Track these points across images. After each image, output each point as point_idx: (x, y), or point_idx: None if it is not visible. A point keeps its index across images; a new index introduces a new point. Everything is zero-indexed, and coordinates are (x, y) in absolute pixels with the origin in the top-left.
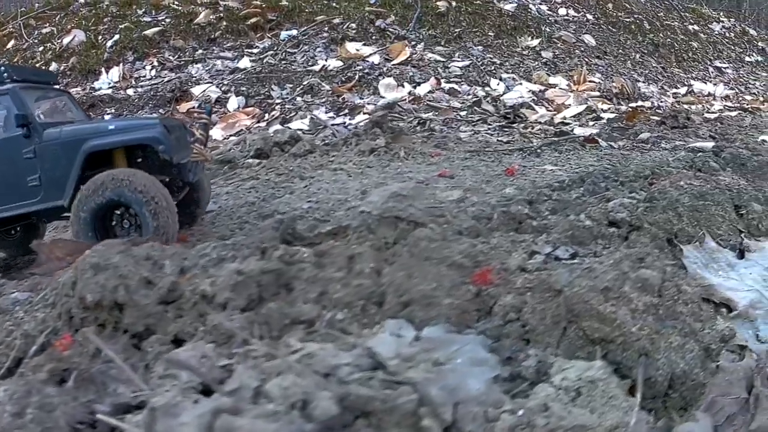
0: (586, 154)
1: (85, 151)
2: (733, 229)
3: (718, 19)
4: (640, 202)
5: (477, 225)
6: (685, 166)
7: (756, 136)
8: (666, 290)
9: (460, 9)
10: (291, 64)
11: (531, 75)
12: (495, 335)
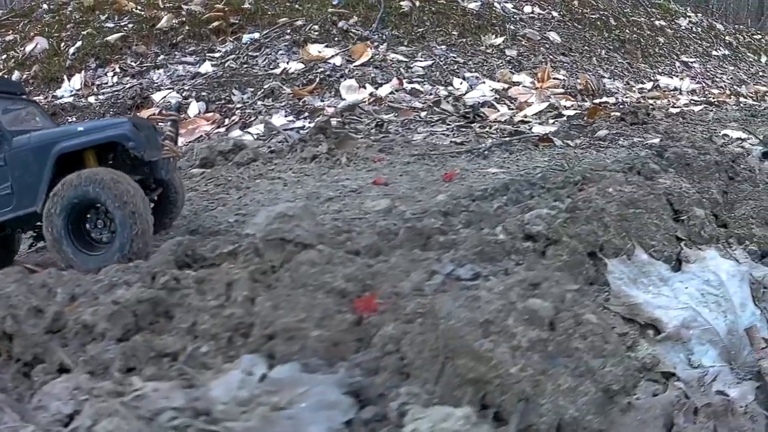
0: (538, 154)
1: (55, 153)
2: (669, 238)
3: (685, 15)
4: (560, 213)
5: (379, 242)
6: (623, 169)
7: (718, 131)
8: (560, 322)
9: (423, 8)
10: (252, 68)
11: (494, 73)
12: (372, 368)
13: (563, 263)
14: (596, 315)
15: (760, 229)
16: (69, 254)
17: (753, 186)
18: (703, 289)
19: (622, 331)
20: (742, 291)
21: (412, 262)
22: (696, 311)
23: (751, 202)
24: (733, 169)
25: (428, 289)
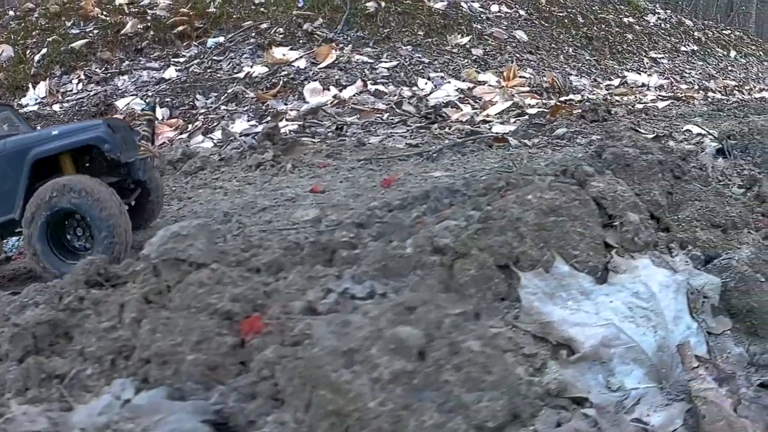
0: (492, 154)
1: (31, 159)
2: (596, 246)
3: (654, 11)
4: (471, 224)
5: (281, 258)
6: (555, 172)
7: (681, 126)
8: (432, 351)
9: (389, 9)
10: (216, 72)
11: (460, 73)
12: (249, 394)
13: (470, 278)
14: (481, 341)
15: (704, 232)
16: (47, 263)
17: (703, 185)
18: (630, 302)
19: (530, 351)
20: (677, 303)
21: (310, 280)
22: (618, 328)
23: (698, 203)
24: (680, 168)
25: (322, 308)
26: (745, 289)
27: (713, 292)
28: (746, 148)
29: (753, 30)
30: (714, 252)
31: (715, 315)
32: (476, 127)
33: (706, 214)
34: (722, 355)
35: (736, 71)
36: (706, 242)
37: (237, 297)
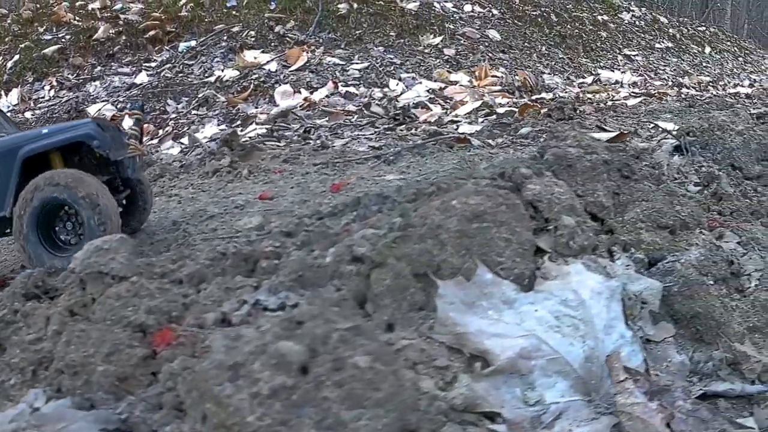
0: (451, 156)
1: (21, 157)
2: (524, 252)
3: (628, 9)
4: (389, 232)
5: (204, 269)
6: (493, 175)
7: (649, 123)
8: (316, 367)
9: (361, 10)
10: (188, 77)
11: (432, 73)
12: (156, 404)
13: (386, 288)
14: (370, 357)
15: (650, 233)
16: (38, 256)
17: (655, 184)
18: (558, 310)
19: (443, 364)
20: (610, 310)
21: (227, 291)
22: (540, 338)
23: (645, 204)
24: (628, 168)
25: (235, 320)
26: (689, 294)
27: (653, 297)
28: (706, 145)
29: (728, 26)
30: (659, 254)
31: (655, 322)
32: (443, 128)
33: (652, 214)
34: (662, 364)
35: (711, 67)
36: (650, 244)
37: (152, 309)
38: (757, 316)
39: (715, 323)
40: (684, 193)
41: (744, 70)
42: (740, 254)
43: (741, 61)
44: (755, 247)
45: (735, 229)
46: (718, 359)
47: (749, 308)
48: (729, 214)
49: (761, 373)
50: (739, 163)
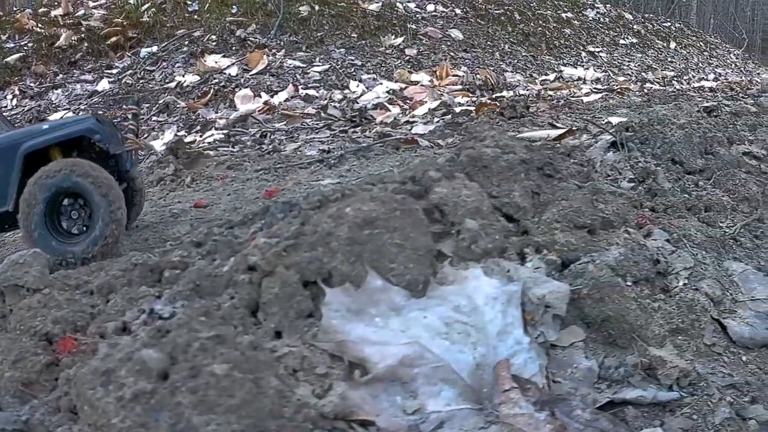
0: (397, 157)
1: (23, 152)
2: (418, 258)
3: (593, 6)
4: (281, 240)
5: (113, 280)
6: (403, 179)
7: (602, 118)
8: (175, 373)
9: (323, 12)
10: (149, 83)
11: (392, 74)
12: (56, 407)
13: (274, 296)
14: (229, 365)
15: (564, 234)
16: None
17: (583, 181)
18: (449, 317)
19: (322, 372)
20: (506, 316)
21: (131, 301)
22: (424, 346)
23: (564, 203)
24: (551, 166)
25: (135, 328)
26: (600, 297)
27: (559, 301)
28: (646, 140)
29: (694, 22)
30: (574, 255)
31: (564, 326)
32: (399, 129)
33: (569, 214)
34: (566, 371)
35: (676, 62)
36: (565, 245)
37: (59, 319)
38: (681, 317)
39: (629, 327)
40: (613, 190)
41: (710, 64)
42: (668, 252)
43: (706, 55)
44: (686, 245)
45: (666, 226)
46: (631, 365)
47: (674, 309)
48: (663, 211)
49: (678, 378)
50: (679, 158)
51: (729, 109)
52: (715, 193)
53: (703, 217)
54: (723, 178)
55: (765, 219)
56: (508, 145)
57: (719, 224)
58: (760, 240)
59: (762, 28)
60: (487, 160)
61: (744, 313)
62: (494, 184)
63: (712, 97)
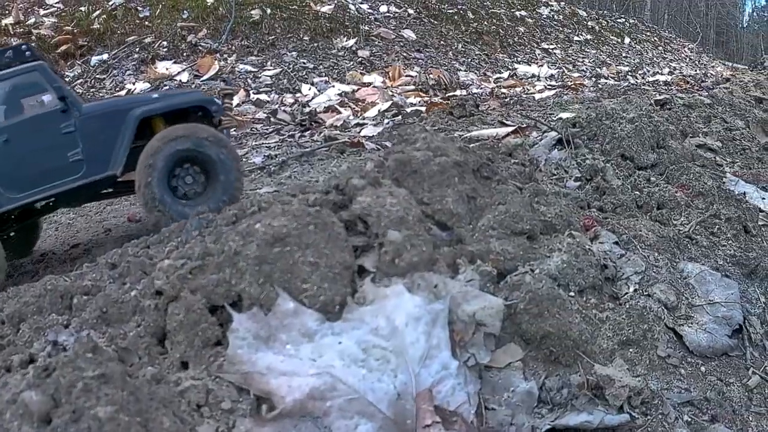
0: (341, 162)
1: (138, 117)
2: (335, 276)
3: (546, 3)
4: (186, 262)
5: (23, 308)
6: (326, 189)
7: (554, 114)
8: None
9: (274, 15)
10: (99, 92)
11: (345, 76)
12: None
13: (179, 323)
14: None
15: (501, 242)
16: (168, 205)
17: (524, 182)
18: (366, 341)
19: (228, 407)
20: (430, 338)
21: (38, 331)
22: (335, 377)
23: (501, 208)
24: (489, 168)
25: (41, 361)
26: (538, 311)
27: (492, 318)
28: (594, 136)
29: (648, 17)
30: (511, 265)
31: (500, 344)
32: (348, 131)
33: (506, 220)
34: (502, 395)
35: (631, 57)
36: (501, 254)
37: None
38: (632, 327)
39: (572, 342)
40: (557, 191)
41: (664, 58)
42: (617, 256)
43: (661, 50)
44: (636, 246)
45: (615, 227)
46: (576, 385)
47: (623, 319)
48: (612, 210)
49: (630, 397)
50: (629, 153)
51: (682, 102)
52: (668, 189)
53: (655, 216)
54: (676, 173)
55: (721, 214)
56: (440, 147)
57: (673, 222)
58: (717, 237)
59: (716, 22)
60: (417, 164)
61: (701, 318)
62: (425, 189)
63: (666, 91)
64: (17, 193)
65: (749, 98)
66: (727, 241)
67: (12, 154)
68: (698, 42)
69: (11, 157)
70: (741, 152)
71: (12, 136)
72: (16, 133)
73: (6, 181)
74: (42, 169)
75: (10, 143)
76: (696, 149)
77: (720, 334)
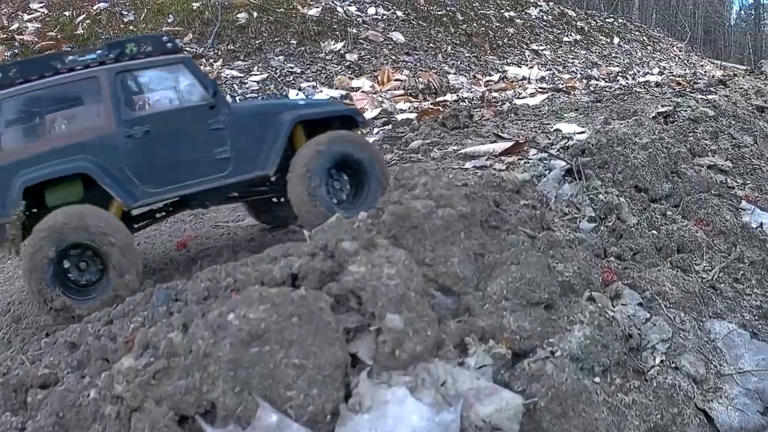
0: None
1: (293, 120)
2: (326, 379)
3: (536, 4)
4: (150, 362)
5: None
6: (313, 251)
7: (550, 124)
8: None
9: (261, 19)
10: None
11: (333, 80)
12: None
13: None
14: None
15: (515, 315)
16: (326, 206)
17: (537, 230)
18: None
19: None
20: None
21: None
22: None
23: (514, 269)
24: (498, 215)
25: None
26: (561, 411)
27: (510, 420)
28: (605, 164)
29: (637, 16)
30: (528, 345)
31: None
32: None
33: (522, 287)
34: None
35: (620, 57)
36: (516, 332)
37: None
38: (660, 410)
39: None
40: (572, 237)
41: (653, 58)
42: (642, 321)
43: (650, 49)
44: (661, 306)
45: (637, 281)
46: None
47: (651, 400)
48: (631, 258)
49: None
50: (644, 184)
51: (687, 115)
52: (687, 227)
53: (676, 261)
54: (693, 206)
55: (744, 257)
56: (443, 195)
57: (695, 267)
58: (741, 284)
59: (703, 20)
60: (418, 219)
61: (731, 390)
62: (427, 248)
63: (661, 94)
64: (154, 188)
65: (752, 106)
66: (752, 290)
67: (152, 146)
68: (687, 41)
69: (151, 150)
70: (752, 172)
71: (153, 128)
72: (159, 125)
73: (143, 174)
74: (184, 165)
75: (151, 135)
76: (708, 172)
77: (752, 412)
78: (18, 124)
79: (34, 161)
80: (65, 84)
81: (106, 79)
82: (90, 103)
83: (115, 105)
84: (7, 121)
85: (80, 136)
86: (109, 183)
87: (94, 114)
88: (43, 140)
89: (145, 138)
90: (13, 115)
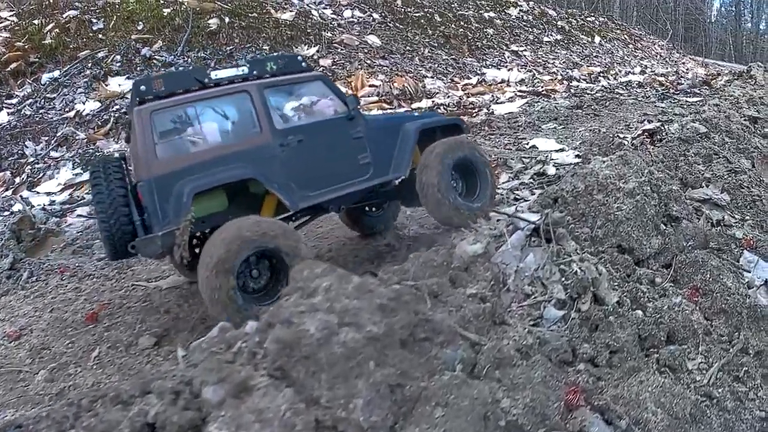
0: None
1: (418, 129)
2: None
3: (515, 4)
4: None
5: None
6: (173, 389)
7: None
8: None
9: (233, 24)
10: (48, 113)
11: None
12: None
13: None
14: None
15: None
16: (455, 202)
17: (479, 331)
18: None
19: None
20: None
21: None
22: None
23: (439, 414)
24: (428, 325)
25: None
26: None
27: None
28: (582, 216)
29: (617, 15)
30: None
31: None
32: None
33: None
34: None
35: (602, 56)
36: None
37: None
38: None
39: None
40: (531, 341)
41: (635, 56)
42: None
43: (631, 48)
44: None
45: (610, 403)
46: None
47: None
48: (606, 362)
49: None
50: (629, 243)
51: (675, 133)
52: (680, 301)
53: (664, 359)
54: (688, 268)
55: (749, 346)
56: (349, 310)
57: (687, 365)
58: (744, 384)
59: (684, 17)
60: (311, 348)
61: None
62: (323, 385)
63: (644, 97)
64: (311, 192)
65: (744, 117)
66: (756, 392)
67: (306, 154)
68: (668, 38)
69: (304, 158)
70: (751, 205)
71: (306, 137)
72: (311, 135)
73: (301, 180)
74: (334, 170)
75: (304, 144)
76: (704, 214)
77: None
78: (172, 135)
79: (194, 170)
80: (217, 97)
81: (257, 93)
82: (243, 115)
83: (269, 117)
84: (161, 132)
85: (237, 146)
86: (277, 188)
87: (249, 125)
88: (200, 150)
89: (298, 147)
90: (165, 126)
